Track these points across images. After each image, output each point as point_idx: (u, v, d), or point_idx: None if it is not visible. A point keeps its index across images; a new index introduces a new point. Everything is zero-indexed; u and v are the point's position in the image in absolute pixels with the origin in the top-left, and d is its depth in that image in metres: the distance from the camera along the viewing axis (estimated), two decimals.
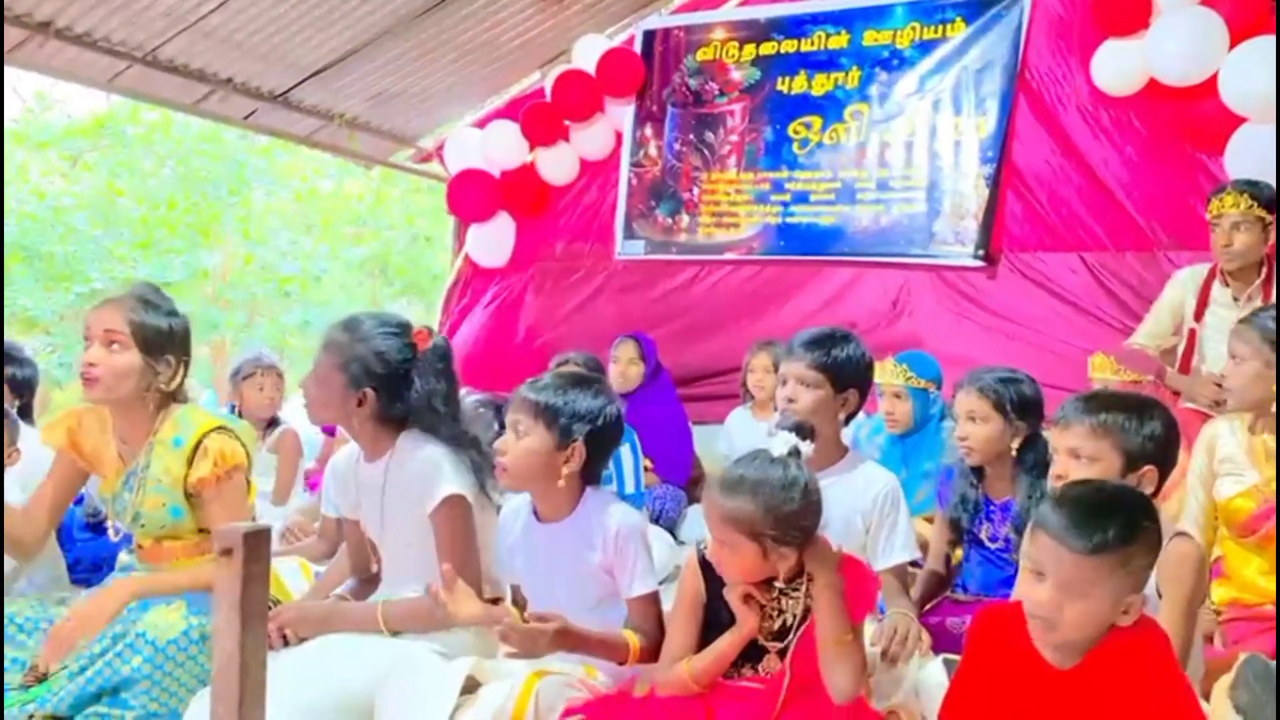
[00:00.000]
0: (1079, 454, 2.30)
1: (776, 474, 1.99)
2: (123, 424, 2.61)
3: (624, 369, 4.46)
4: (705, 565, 2.11)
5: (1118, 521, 1.72)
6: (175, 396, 2.62)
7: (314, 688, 2.16)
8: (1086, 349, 4.59)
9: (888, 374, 3.77)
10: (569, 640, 2.11)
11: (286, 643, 2.39)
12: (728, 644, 2.03)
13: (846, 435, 3.01)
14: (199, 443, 2.52)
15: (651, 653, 2.22)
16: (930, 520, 3.31)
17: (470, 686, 2.11)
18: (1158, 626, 1.83)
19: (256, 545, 1.58)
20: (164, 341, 2.54)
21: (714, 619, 2.09)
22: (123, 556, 2.74)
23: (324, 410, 2.56)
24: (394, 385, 2.48)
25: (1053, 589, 1.72)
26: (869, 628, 2.51)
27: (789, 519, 1.96)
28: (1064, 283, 5.03)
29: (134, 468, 2.57)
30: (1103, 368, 3.93)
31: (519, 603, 2.42)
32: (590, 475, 2.35)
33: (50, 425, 2.70)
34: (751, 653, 2.06)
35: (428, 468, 2.44)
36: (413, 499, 2.46)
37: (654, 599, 2.28)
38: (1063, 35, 5.11)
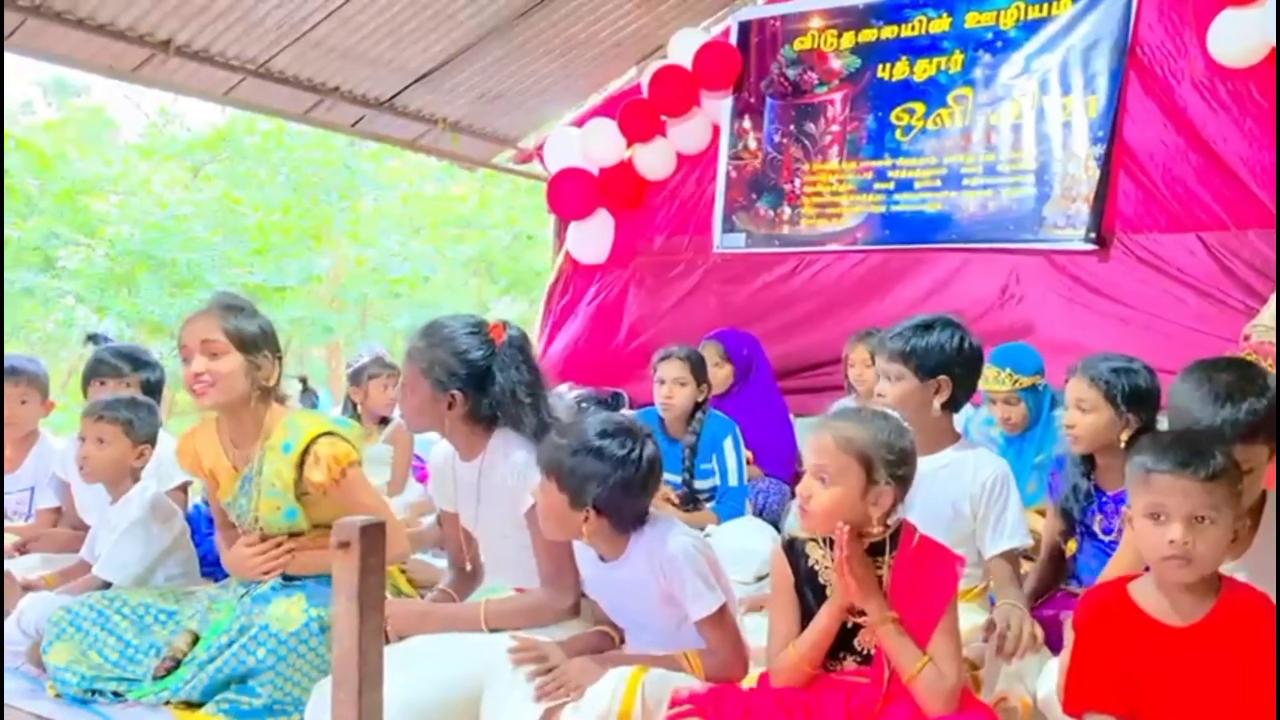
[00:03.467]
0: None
1: (889, 419, 2.09)
2: (233, 428, 2.73)
3: (710, 372, 4.46)
4: (789, 553, 2.12)
5: (1220, 450, 1.87)
6: (278, 395, 2.73)
7: (424, 684, 2.21)
8: (1205, 333, 4.43)
9: (991, 381, 3.67)
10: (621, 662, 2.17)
11: (388, 639, 2.45)
12: (826, 620, 2.03)
13: (957, 423, 2.96)
14: (307, 448, 2.62)
15: (729, 667, 2.22)
16: (1042, 513, 3.23)
17: None
18: (1268, 596, 1.88)
19: (373, 538, 1.64)
20: (258, 340, 2.66)
21: (805, 605, 2.09)
22: None
23: (418, 418, 2.60)
24: (479, 383, 2.52)
25: (1182, 524, 1.82)
26: (978, 616, 2.48)
27: (901, 453, 2.02)
28: (1181, 264, 4.86)
29: (248, 472, 2.69)
30: None
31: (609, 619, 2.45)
32: (629, 523, 2.26)
33: (180, 454, 2.87)
34: (846, 637, 2.05)
35: (518, 471, 2.47)
36: (506, 500, 2.51)
37: (718, 617, 2.22)
38: (1176, 7, 4.93)
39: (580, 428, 2.26)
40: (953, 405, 2.68)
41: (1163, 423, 2.73)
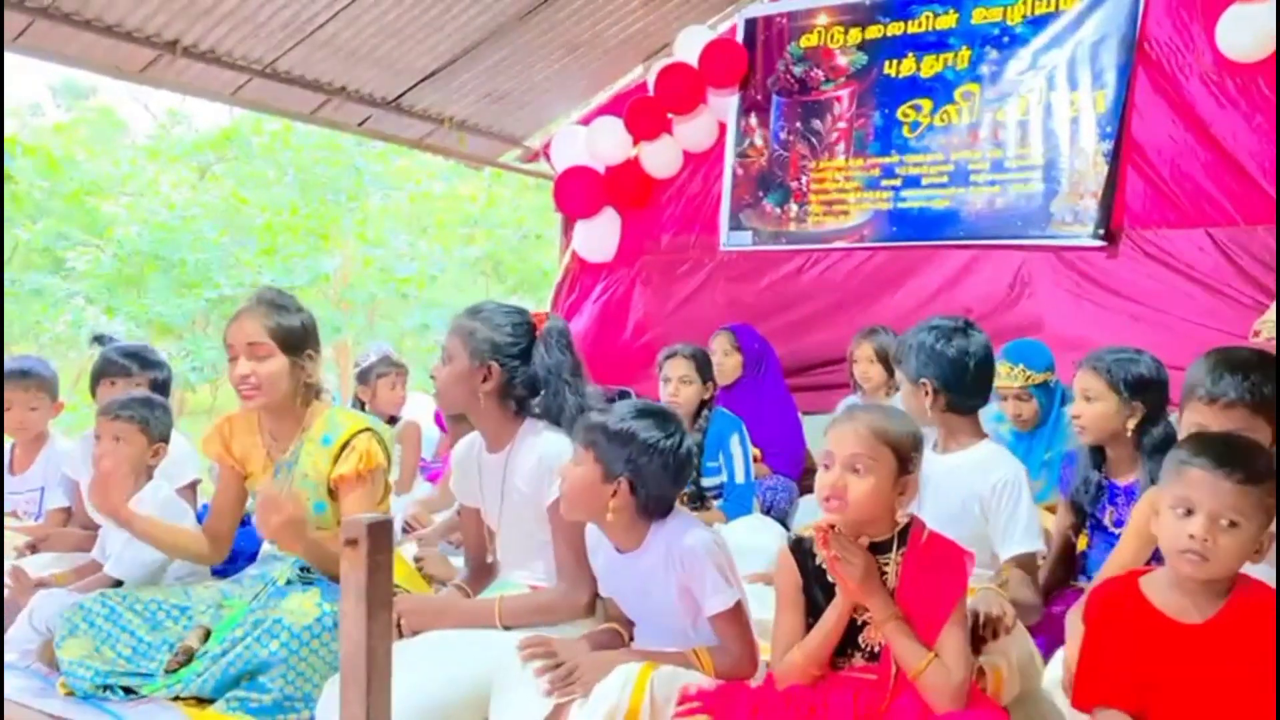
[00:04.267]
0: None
1: (903, 414, 2.13)
2: (274, 422, 2.76)
3: (719, 361, 4.47)
4: (796, 555, 2.12)
5: (1260, 457, 1.86)
6: (316, 390, 2.75)
7: (433, 681, 2.22)
8: (1215, 328, 4.43)
9: (1004, 377, 3.64)
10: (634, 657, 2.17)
11: (401, 634, 2.45)
12: (833, 620, 2.03)
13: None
14: (347, 442, 2.65)
15: (740, 664, 2.22)
16: (1053, 510, 3.23)
17: None
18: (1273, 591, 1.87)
19: (380, 536, 1.64)
20: (302, 338, 2.70)
21: (813, 605, 2.09)
22: (266, 547, 2.88)
23: (452, 388, 2.61)
24: (516, 360, 2.57)
25: (1206, 520, 1.79)
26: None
27: (921, 444, 2.06)
28: (1190, 260, 4.84)
29: (282, 462, 2.71)
30: None
31: (619, 616, 2.44)
32: (653, 509, 2.28)
33: (206, 439, 2.90)
34: (852, 634, 2.05)
35: (548, 461, 2.48)
36: (532, 489, 2.52)
37: (734, 613, 2.22)
38: (1184, 2, 4.92)
39: (622, 405, 2.30)
40: (951, 407, 2.66)
41: (1173, 416, 2.74)
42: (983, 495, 2.53)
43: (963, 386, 2.67)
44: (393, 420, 4.71)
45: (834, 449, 2.03)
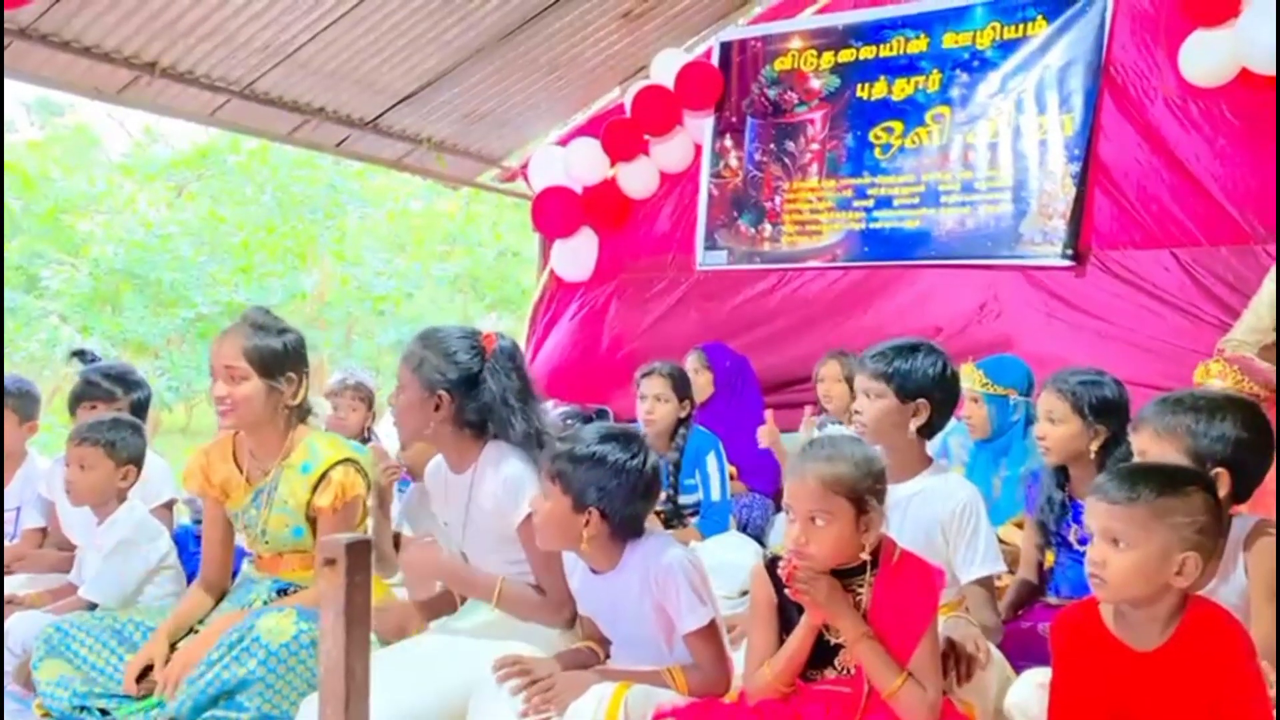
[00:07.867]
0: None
1: (857, 444, 2.11)
2: (256, 442, 2.78)
3: (690, 380, 4.51)
4: (770, 572, 2.14)
5: (1154, 480, 1.86)
6: (302, 412, 2.76)
7: (411, 698, 2.24)
8: (1180, 347, 4.50)
9: (964, 378, 3.70)
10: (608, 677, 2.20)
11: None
12: (799, 638, 2.06)
13: (933, 445, 2.98)
14: (325, 472, 2.67)
15: (714, 682, 2.24)
16: (1021, 526, 3.27)
17: None
18: (1235, 619, 1.87)
19: (358, 555, 1.67)
20: (280, 361, 2.71)
21: (788, 623, 2.12)
22: (245, 567, 2.89)
23: (406, 418, 2.63)
24: (467, 387, 2.57)
25: (1099, 542, 1.85)
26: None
27: (879, 473, 2.07)
28: (1156, 280, 4.91)
29: (263, 486, 2.73)
30: (1224, 375, 3.49)
31: (595, 635, 2.46)
32: (627, 531, 2.30)
33: (187, 473, 2.90)
34: (827, 654, 2.08)
35: (511, 483, 2.51)
36: (497, 512, 2.54)
37: (708, 631, 2.24)
38: (1148, 28, 5.01)
39: (583, 433, 2.30)
40: (928, 430, 2.69)
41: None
42: (943, 521, 2.52)
43: (950, 410, 2.70)
44: (366, 440, 4.67)
45: (792, 503, 2.06)
